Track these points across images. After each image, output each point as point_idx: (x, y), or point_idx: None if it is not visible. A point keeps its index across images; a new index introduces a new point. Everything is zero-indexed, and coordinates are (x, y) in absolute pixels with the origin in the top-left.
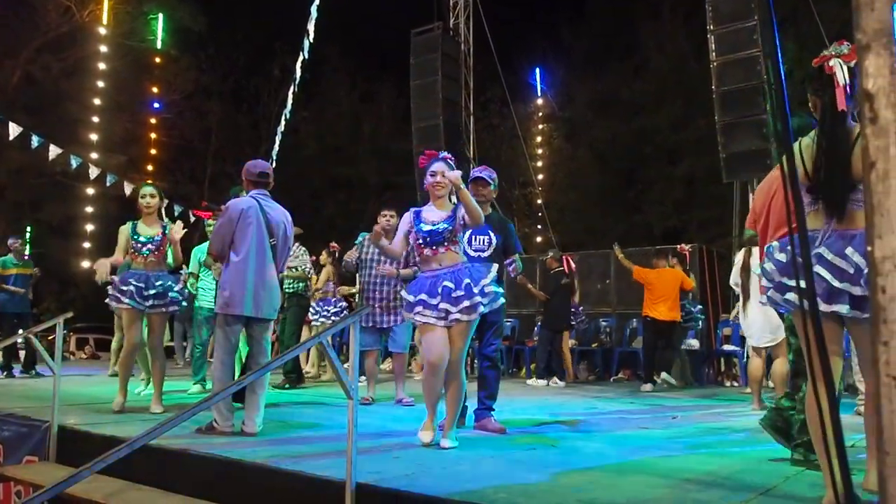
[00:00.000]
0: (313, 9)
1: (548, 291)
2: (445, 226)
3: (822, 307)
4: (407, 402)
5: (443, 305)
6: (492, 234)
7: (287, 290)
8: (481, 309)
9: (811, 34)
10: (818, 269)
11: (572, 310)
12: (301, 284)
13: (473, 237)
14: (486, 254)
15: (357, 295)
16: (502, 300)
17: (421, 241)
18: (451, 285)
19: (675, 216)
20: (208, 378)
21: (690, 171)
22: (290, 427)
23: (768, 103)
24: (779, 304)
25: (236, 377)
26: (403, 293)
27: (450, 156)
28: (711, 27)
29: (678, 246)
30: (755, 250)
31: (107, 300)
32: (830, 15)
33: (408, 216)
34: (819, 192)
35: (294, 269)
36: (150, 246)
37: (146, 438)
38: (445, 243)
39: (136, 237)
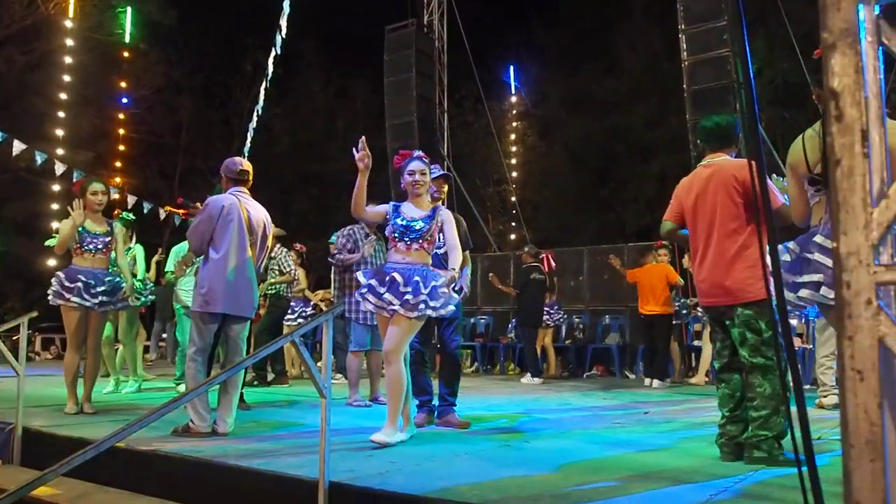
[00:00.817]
0: (286, 4)
1: (518, 286)
2: (423, 224)
3: (829, 293)
4: (382, 400)
5: (387, 296)
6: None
7: (269, 291)
8: (425, 310)
9: (780, 34)
10: (819, 257)
11: (546, 308)
12: (283, 286)
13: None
14: (442, 250)
15: (339, 293)
16: (452, 307)
17: (396, 233)
18: (401, 280)
19: (648, 214)
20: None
21: (663, 169)
22: (262, 426)
23: (738, 102)
24: (791, 305)
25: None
26: (359, 275)
27: (425, 154)
28: (683, 27)
29: (655, 243)
30: None
31: (49, 296)
32: (798, 16)
33: (388, 206)
34: (822, 183)
35: (280, 273)
36: (97, 243)
37: (113, 440)
38: (420, 241)
39: (83, 232)
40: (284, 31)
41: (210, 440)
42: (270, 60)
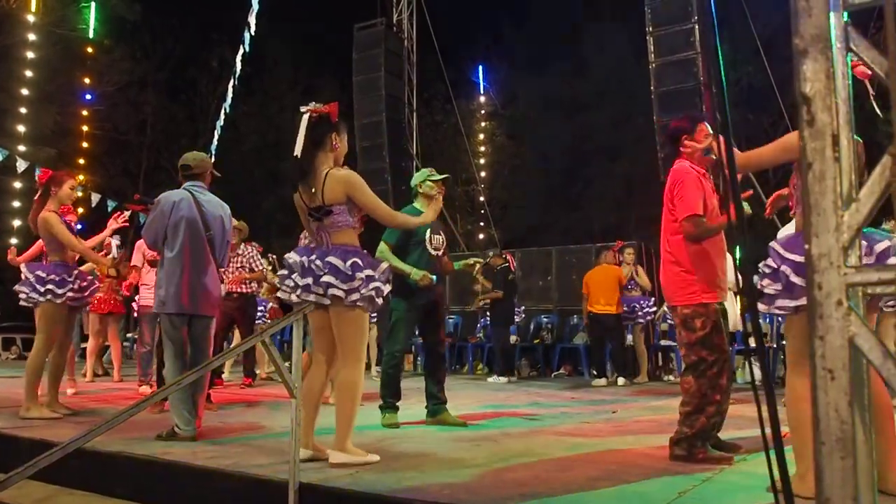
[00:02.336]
0: (255, 0)
1: (498, 287)
2: None
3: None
4: None
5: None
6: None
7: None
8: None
9: (744, 37)
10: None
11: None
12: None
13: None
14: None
15: None
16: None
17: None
18: None
19: (615, 213)
20: None
21: (630, 169)
22: (231, 427)
23: (703, 104)
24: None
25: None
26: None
27: None
28: (650, 29)
29: (617, 243)
30: None
31: (22, 296)
32: (763, 18)
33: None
34: None
35: (251, 271)
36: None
37: (79, 441)
38: None
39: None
40: (253, 28)
41: (181, 443)
42: (238, 58)
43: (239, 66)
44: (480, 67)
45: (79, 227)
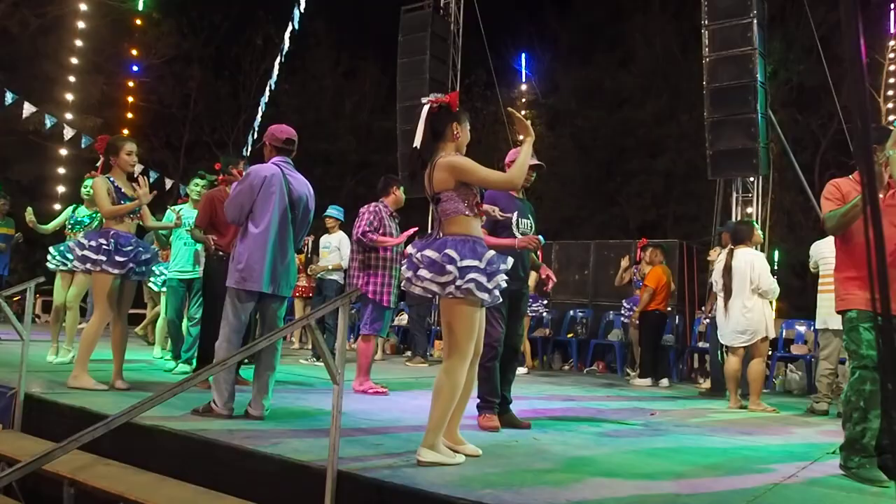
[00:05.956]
0: None
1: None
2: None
3: None
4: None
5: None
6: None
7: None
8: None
9: (799, 36)
10: None
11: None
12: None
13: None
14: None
15: (359, 273)
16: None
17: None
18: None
19: (653, 209)
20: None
21: (670, 165)
22: (277, 411)
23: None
24: None
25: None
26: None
27: None
28: (706, 22)
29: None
30: (738, 252)
31: (82, 264)
32: (817, 18)
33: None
34: None
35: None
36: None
37: (126, 416)
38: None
39: (119, 194)
40: (303, 5)
41: (217, 420)
42: (287, 35)
43: (287, 43)
44: (523, 55)
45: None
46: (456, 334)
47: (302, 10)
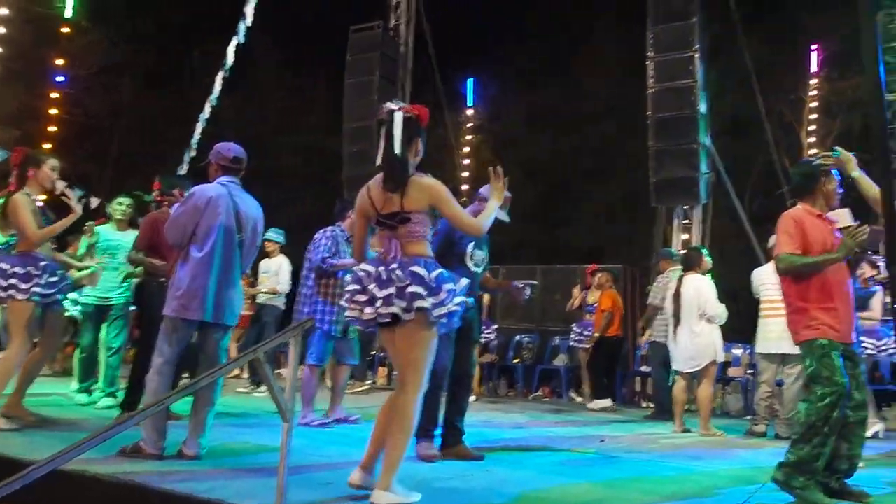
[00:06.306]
0: None
1: None
2: None
3: None
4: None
5: None
6: None
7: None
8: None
9: (732, 69)
10: None
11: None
12: None
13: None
14: None
15: (313, 301)
16: None
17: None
18: None
19: (598, 235)
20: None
21: (614, 192)
22: (214, 449)
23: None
24: None
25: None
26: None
27: None
28: (651, 54)
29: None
30: (687, 279)
31: (4, 292)
32: (750, 52)
33: None
34: None
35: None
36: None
37: (56, 462)
38: None
39: (41, 213)
40: (249, 18)
41: (153, 463)
42: (231, 49)
43: (231, 57)
44: (471, 80)
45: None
46: (420, 363)
47: (248, 24)
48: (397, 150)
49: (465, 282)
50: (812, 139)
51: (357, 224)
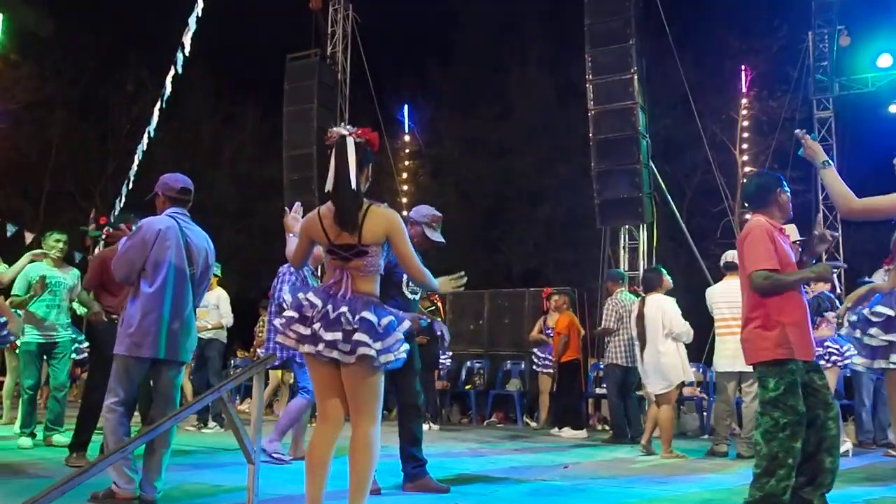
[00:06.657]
0: (192, 21)
1: (425, 333)
2: None
3: None
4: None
5: None
6: None
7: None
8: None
9: (662, 94)
10: None
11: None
12: None
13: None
14: None
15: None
16: None
17: None
18: None
19: (536, 257)
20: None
21: (551, 214)
22: (170, 493)
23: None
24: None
25: None
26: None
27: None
28: (590, 76)
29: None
30: (649, 299)
31: None
32: (678, 77)
33: None
34: None
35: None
36: None
37: None
38: None
39: None
40: (188, 49)
41: None
42: (168, 80)
43: (168, 88)
44: (406, 106)
45: None
46: (371, 401)
47: (186, 54)
48: (352, 179)
49: (407, 323)
50: (746, 157)
51: (299, 243)
